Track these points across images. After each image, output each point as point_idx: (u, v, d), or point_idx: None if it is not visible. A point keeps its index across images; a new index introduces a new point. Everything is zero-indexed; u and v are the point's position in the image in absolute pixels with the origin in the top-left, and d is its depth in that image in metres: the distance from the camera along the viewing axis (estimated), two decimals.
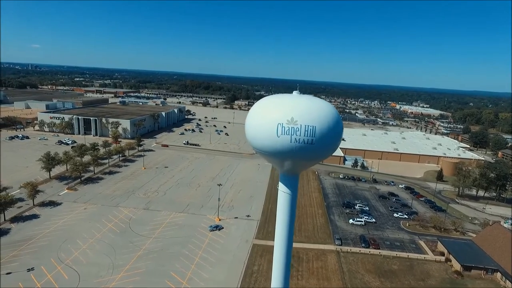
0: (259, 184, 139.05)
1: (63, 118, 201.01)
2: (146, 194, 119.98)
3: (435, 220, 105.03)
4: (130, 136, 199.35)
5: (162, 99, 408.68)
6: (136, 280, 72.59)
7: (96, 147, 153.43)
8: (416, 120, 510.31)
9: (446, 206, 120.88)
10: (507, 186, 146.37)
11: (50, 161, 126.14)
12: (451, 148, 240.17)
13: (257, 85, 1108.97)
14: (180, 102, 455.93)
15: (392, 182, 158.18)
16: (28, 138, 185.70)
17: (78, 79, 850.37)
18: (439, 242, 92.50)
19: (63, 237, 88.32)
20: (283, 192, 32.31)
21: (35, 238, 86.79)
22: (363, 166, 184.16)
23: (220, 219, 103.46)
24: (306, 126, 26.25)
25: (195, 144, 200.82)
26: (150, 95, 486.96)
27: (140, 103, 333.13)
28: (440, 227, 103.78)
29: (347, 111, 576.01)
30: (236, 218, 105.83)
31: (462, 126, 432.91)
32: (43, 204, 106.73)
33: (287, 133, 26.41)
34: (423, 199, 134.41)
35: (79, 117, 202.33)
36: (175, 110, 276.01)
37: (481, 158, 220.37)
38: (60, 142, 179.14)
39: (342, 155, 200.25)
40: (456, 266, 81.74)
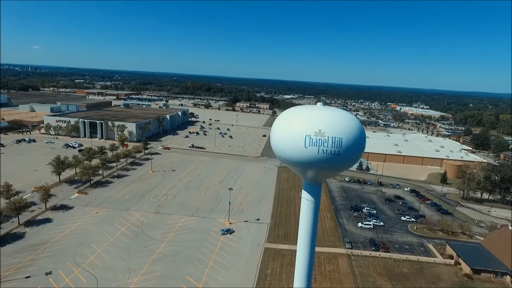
0: (266, 188, 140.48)
1: (69, 121, 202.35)
2: (156, 198, 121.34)
3: (443, 223, 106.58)
4: (135, 139, 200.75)
5: (164, 101, 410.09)
6: (153, 284, 73.96)
7: (104, 151, 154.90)
8: (417, 121, 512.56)
9: (453, 210, 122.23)
10: None
11: (60, 165, 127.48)
12: (454, 150, 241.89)
13: (257, 86, 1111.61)
14: (182, 104, 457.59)
15: (398, 185, 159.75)
16: (34, 141, 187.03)
17: (78, 80, 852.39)
18: (447, 245, 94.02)
19: (78, 241, 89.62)
20: (306, 200, 33.77)
21: (50, 242, 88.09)
22: (367, 169, 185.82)
23: (230, 223, 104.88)
24: (333, 137, 27.73)
25: (201, 147, 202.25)
26: (152, 97, 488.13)
27: (143, 106, 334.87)
28: (448, 230, 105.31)
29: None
30: (246, 221, 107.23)
31: (463, 128, 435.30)
32: (55, 208, 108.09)
33: (315, 144, 27.87)
34: (429, 202, 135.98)
35: (85, 120, 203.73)
36: (179, 113, 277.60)
37: (484, 160, 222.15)
38: (67, 146, 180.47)
39: None
40: (466, 269, 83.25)
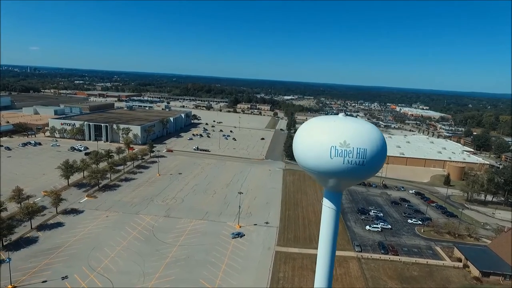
0: (273, 191, 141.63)
1: (74, 124, 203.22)
2: (164, 201, 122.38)
3: (450, 226, 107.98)
4: (140, 142, 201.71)
5: (166, 103, 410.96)
6: None
7: (111, 154, 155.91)
8: (417, 122, 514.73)
9: (460, 213, 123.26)
10: None
11: (68, 168, 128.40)
12: (456, 152, 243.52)
13: (256, 87, 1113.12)
14: (183, 106, 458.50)
15: (402, 187, 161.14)
16: (40, 144, 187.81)
17: (78, 81, 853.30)
18: (455, 248, 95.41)
19: (91, 245, 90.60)
20: (328, 207, 35.01)
21: (63, 246, 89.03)
22: None
23: (240, 226, 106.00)
24: (358, 148, 29.18)
25: (205, 150, 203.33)
26: (153, 99, 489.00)
27: (146, 108, 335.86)
28: (455, 233, 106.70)
29: (348, 114, 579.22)
30: (256, 225, 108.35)
31: (463, 129, 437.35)
32: (66, 212, 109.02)
33: (340, 155, 29.21)
34: (434, 204, 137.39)
35: (90, 123, 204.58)
36: (182, 115, 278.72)
37: (486, 162, 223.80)
38: (73, 149, 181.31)
39: None
40: (475, 272, 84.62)
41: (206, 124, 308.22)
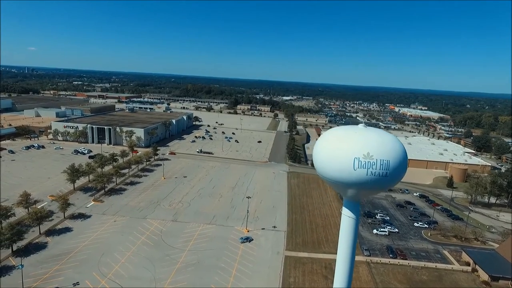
0: (278, 194, 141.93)
1: (77, 127, 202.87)
2: (171, 206, 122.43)
3: (456, 229, 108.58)
4: (143, 144, 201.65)
5: (166, 104, 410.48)
6: None
7: (115, 157, 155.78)
8: (417, 123, 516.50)
9: (467, 217, 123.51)
10: None
11: (74, 173, 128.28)
12: (457, 153, 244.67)
13: (255, 87, 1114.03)
14: (183, 107, 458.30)
15: (407, 190, 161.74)
16: (43, 147, 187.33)
17: (76, 82, 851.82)
18: (463, 252, 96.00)
19: (100, 250, 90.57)
20: (347, 216, 35.30)
21: (73, 252, 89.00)
22: None
23: (248, 230, 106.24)
24: (381, 160, 29.60)
25: (209, 152, 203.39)
26: (153, 100, 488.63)
27: (148, 110, 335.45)
28: (461, 237, 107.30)
29: (348, 114, 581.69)
30: (263, 229, 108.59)
31: (463, 130, 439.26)
32: (73, 217, 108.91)
33: (364, 166, 29.54)
34: (439, 207, 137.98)
35: (93, 126, 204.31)
36: (184, 117, 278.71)
37: (487, 163, 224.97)
38: (76, 152, 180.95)
39: None
40: (484, 276, 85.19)
41: (208, 126, 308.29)
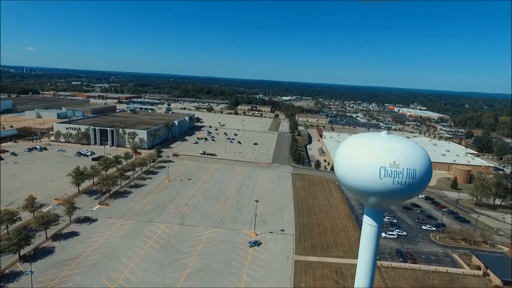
0: (284, 196, 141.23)
1: (79, 128, 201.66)
2: (177, 209, 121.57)
3: (465, 232, 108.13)
4: (146, 146, 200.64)
5: (167, 105, 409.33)
6: None
7: (119, 160, 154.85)
8: (417, 123, 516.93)
9: (476, 220, 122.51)
10: None
11: (79, 175, 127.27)
12: (460, 154, 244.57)
13: (254, 87, 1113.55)
14: (184, 108, 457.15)
15: None
16: (46, 149, 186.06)
17: (75, 82, 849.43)
18: (473, 255, 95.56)
19: (108, 255, 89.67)
20: (369, 225, 34.55)
21: (81, 257, 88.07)
22: None
23: (256, 234, 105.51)
24: (407, 169, 29.00)
25: (212, 154, 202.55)
26: (154, 100, 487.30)
27: (149, 111, 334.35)
28: (470, 240, 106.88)
29: (348, 115, 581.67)
30: (271, 232, 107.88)
31: (463, 130, 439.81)
32: (79, 221, 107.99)
33: (390, 175, 28.92)
34: (445, 209, 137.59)
35: (96, 127, 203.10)
36: (186, 118, 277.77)
37: (490, 164, 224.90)
38: (79, 154, 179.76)
39: None
40: (496, 280, 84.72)
41: (210, 127, 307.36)
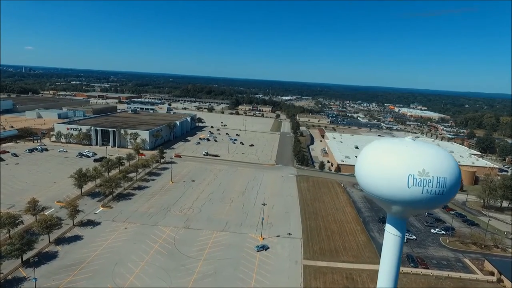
0: (289, 199, 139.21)
1: (81, 129, 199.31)
2: (182, 211, 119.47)
3: (476, 236, 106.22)
4: (148, 147, 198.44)
5: (167, 105, 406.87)
6: None
7: (122, 161, 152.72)
8: (418, 124, 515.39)
9: (487, 224, 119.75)
10: None
11: (82, 177, 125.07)
12: (464, 155, 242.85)
13: (253, 87, 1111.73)
14: (185, 108, 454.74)
15: None
16: (47, 150, 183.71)
17: (74, 82, 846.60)
18: (486, 260, 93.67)
19: (113, 260, 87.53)
20: (392, 234, 32.47)
21: (85, 262, 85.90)
22: None
23: (263, 238, 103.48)
24: (438, 177, 27.03)
25: (215, 155, 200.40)
26: (154, 100, 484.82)
27: (150, 111, 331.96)
28: (481, 244, 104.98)
29: (349, 115, 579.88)
30: (278, 236, 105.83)
31: (465, 131, 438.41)
32: (83, 224, 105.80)
33: (419, 184, 26.95)
34: (453, 212, 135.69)
35: (97, 128, 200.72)
36: (188, 119, 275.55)
37: (495, 166, 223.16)
38: (81, 155, 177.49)
39: None
40: (510, 287, 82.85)
41: (212, 127, 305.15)
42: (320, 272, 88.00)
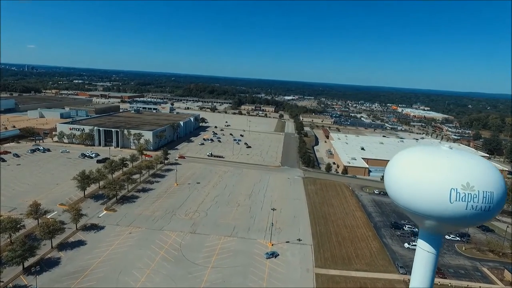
0: (297, 202, 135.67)
1: (83, 129, 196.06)
2: (187, 215, 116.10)
3: (493, 244, 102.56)
4: (152, 148, 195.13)
5: (170, 105, 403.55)
6: None
7: (125, 162, 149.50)
8: (422, 124, 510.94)
9: (505, 232, 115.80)
10: None
11: (85, 179, 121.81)
12: None
13: (256, 87, 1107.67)
14: (187, 108, 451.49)
15: None
16: (49, 150, 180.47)
17: (77, 81, 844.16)
18: (505, 270, 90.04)
19: (118, 267, 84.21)
20: (426, 251, 29.21)
21: (89, 269, 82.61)
22: None
23: (272, 244, 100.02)
24: (484, 192, 24.15)
25: (219, 156, 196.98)
26: (157, 100, 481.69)
27: (153, 111, 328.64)
28: (499, 252, 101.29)
29: (352, 115, 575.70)
30: (288, 242, 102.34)
31: (470, 132, 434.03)
32: (86, 228, 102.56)
33: (463, 200, 24.09)
34: None
35: (100, 128, 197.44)
36: (191, 119, 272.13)
37: (505, 168, 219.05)
38: (84, 155, 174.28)
39: (366, 166, 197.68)
40: None
41: (215, 127, 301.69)
42: (334, 281, 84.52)
